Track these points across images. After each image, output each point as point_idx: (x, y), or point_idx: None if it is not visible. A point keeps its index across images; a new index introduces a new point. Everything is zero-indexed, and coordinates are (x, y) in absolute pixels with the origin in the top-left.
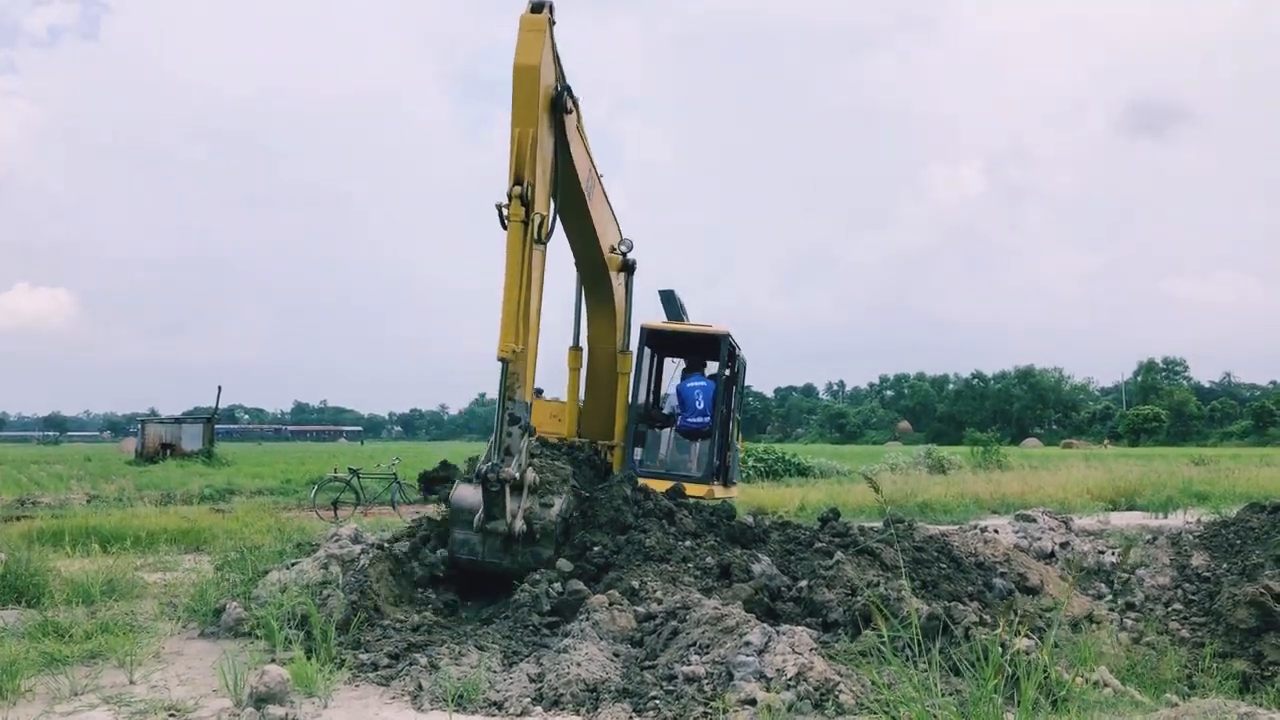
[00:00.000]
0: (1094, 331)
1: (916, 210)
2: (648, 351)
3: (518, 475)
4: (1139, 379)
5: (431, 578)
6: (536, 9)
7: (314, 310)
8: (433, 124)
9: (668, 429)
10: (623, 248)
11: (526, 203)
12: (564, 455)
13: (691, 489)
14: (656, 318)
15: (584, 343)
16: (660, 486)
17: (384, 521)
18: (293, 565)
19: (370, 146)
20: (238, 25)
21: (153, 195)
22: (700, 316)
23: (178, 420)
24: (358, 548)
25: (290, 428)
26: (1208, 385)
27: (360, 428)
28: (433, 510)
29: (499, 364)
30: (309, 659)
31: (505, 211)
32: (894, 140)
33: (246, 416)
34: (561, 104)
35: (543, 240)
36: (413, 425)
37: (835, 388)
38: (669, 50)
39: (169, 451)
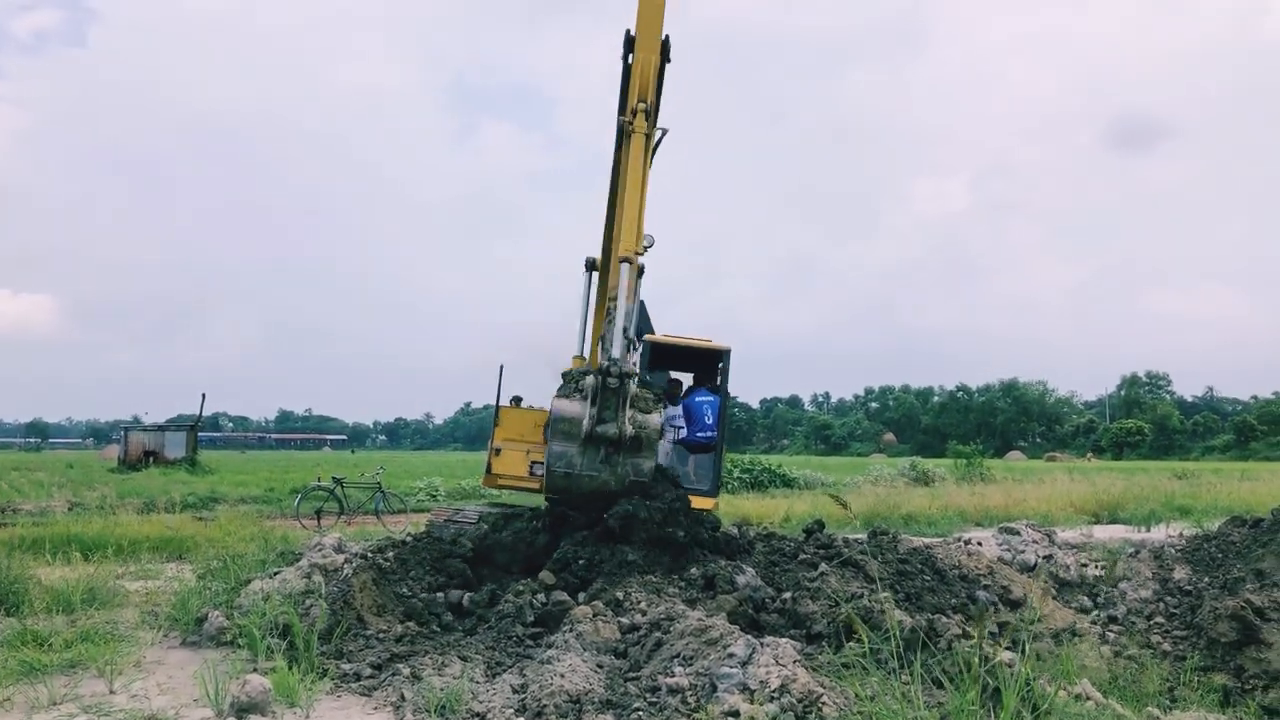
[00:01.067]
0: (1078, 345)
1: (902, 222)
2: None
3: (638, 373)
4: (1122, 393)
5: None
6: None
7: (299, 318)
8: (420, 133)
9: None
10: (645, 242)
11: (649, 118)
12: None
13: (699, 502)
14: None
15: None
16: None
17: (367, 531)
18: (275, 574)
19: (358, 155)
20: (226, 33)
21: (138, 202)
22: (683, 326)
23: (161, 427)
24: (341, 557)
25: (274, 436)
26: (1190, 399)
27: (345, 436)
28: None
29: (622, 264)
30: (291, 669)
31: (629, 126)
32: (880, 152)
33: (230, 424)
34: (666, 49)
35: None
36: (397, 434)
37: (820, 399)
38: None
39: (152, 459)
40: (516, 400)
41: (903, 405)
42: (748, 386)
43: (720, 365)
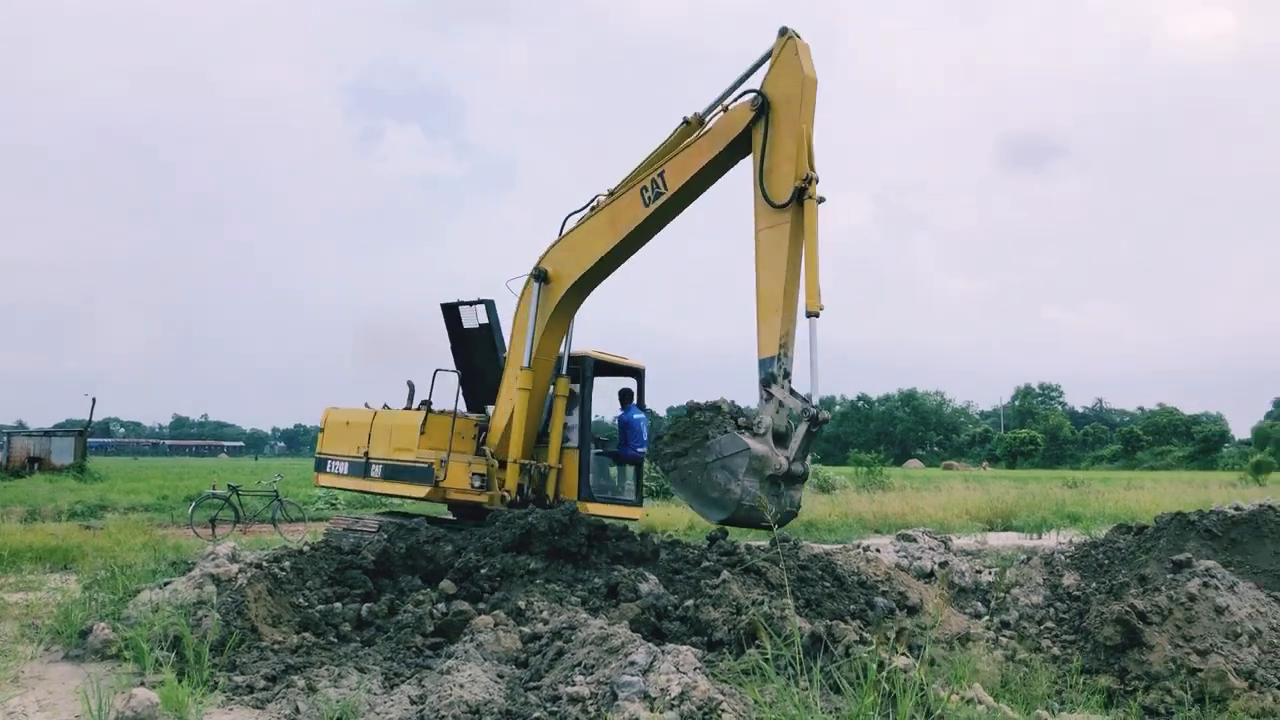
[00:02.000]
0: (975, 357)
1: None
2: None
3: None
4: (1016, 403)
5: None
6: (792, 33)
7: (195, 321)
8: (321, 135)
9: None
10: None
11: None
12: None
13: (629, 512)
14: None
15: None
16: (605, 510)
17: (264, 540)
18: (166, 584)
19: (257, 156)
20: (115, 26)
21: (20, 198)
22: (593, 339)
23: (47, 433)
24: (235, 567)
25: (169, 442)
26: (1081, 410)
27: (242, 443)
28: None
29: (811, 318)
30: (180, 681)
31: (806, 195)
32: None
33: (122, 430)
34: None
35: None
36: (297, 441)
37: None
38: (568, 69)
39: (37, 465)
40: (426, 404)
41: None
42: (655, 396)
43: (642, 381)
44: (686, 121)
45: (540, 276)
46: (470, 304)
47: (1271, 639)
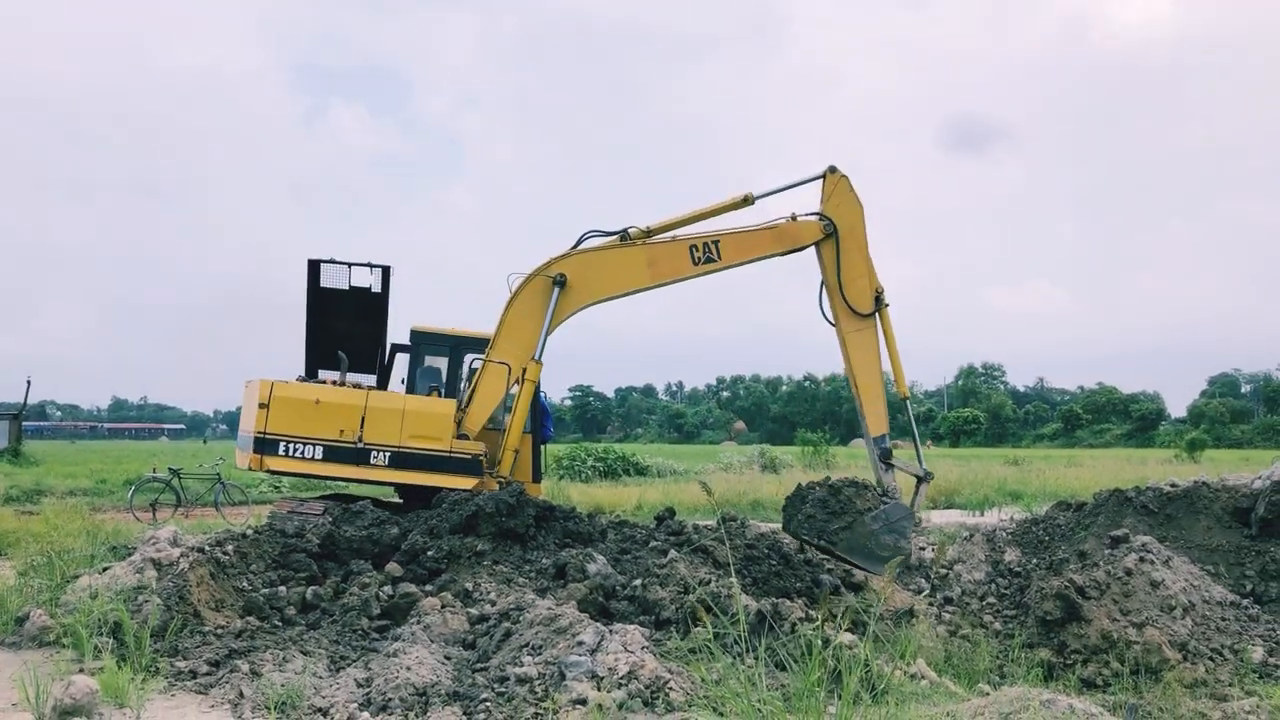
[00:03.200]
0: (919, 337)
1: (750, 218)
2: None
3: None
4: (960, 383)
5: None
6: (841, 171)
7: (134, 302)
8: (265, 112)
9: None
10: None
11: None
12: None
13: (536, 489)
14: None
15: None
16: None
17: (206, 524)
18: (105, 570)
19: (196, 133)
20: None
21: None
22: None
23: None
24: (177, 551)
25: (107, 425)
26: (1023, 389)
27: (183, 426)
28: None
29: (907, 403)
30: (121, 668)
31: (879, 305)
32: (728, 149)
33: (59, 413)
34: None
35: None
36: (238, 424)
37: (674, 388)
38: (512, 48)
39: None
40: (437, 390)
41: (753, 394)
42: (603, 375)
43: None
44: (746, 199)
45: (561, 282)
46: (352, 265)
47: (1205, 612)
